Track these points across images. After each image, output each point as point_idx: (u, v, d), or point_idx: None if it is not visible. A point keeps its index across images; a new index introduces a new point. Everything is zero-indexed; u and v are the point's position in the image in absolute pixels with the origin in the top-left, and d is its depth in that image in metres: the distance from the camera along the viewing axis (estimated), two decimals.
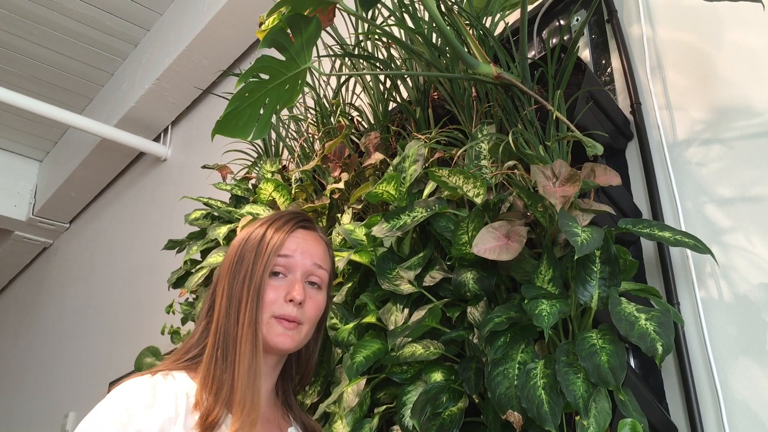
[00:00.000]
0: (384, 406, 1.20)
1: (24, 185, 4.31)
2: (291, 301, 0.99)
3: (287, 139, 1.90)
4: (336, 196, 1.57)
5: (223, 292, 0.99)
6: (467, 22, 1.28)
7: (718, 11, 1.27)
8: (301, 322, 1.00)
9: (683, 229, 1.17)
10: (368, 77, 1.61)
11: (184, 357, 0.98)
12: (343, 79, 1.74)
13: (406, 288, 1.21)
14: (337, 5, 1.16)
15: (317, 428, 1.10)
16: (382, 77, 1.59)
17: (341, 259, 1.31)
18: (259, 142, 1.95)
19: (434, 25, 1.31)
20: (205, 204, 1.83)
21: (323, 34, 1.31)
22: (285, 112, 1.96)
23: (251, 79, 1.09)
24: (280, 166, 1.80)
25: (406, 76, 1.51)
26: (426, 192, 1.28)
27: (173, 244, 1.88)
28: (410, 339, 1.17)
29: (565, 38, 1.45)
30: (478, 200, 1.14)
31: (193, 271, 1.71)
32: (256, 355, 0.95)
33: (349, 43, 1.69)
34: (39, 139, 4.18)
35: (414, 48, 1.35)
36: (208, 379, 0.92)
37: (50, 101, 3.33)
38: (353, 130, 1.64)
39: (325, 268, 1.06)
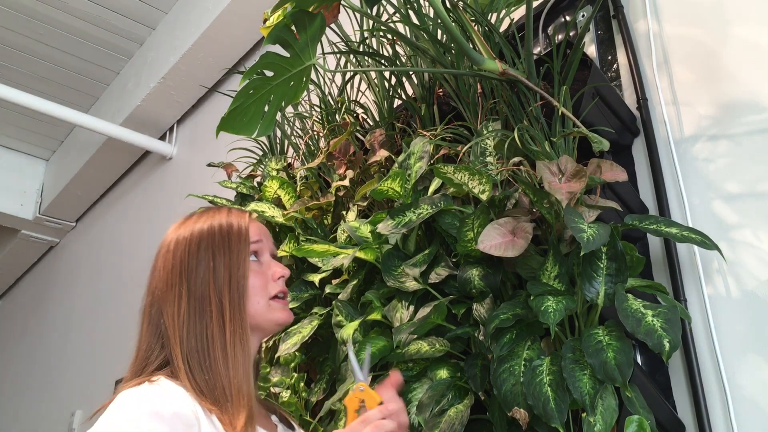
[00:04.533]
0: None
1: (30, 184, 4.32)
2: (281, 278, 1.00)
3: (292, 137, 1.90)
4: (341, 193, 1.57)
5: (182, 297, 0.93)
6: (472, 18, 1.28)
7: (724, 6, 1.26)
8: (287, 295, 1.03)
9: (690, 225, 1.17)
10: (373, 74, 1.61)
11: (144, 372, 0.91)
12: (348, 76, 1.74)
13: (412, 285, 1.21)
14: (342, 1, 1.16)
15: (282, 410, 1.09)
16: (387, 74, 1.58)
17: (347, 257, 1.31)
18: (264, 139, 1.94)
19: (439, 21, 1.30)
20: (211, 202, 1.83)
21: (328, 31, 1.31)
22: (290, 109, 1.96)
23: (255, 76, 1.09)
24: (285, 164, 1.80)
25: (411, 73, 1.51)
26: (431, 189, 1.28)
27: None
28: (416, 336, 1.17)
29: (571, 34, 1.44)
30: (484, 197, 1.13)
31: None
32: (246, 343, 0.93)
33: (353, 39, 1.69)
34: (45, 138, 4.19)
35: (419, 44, 1.34)
36: (197, 385, 0.88)
37: (56, 100, 3.33)
38: (358, 128, 1.64)
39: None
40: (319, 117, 1.76)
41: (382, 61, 1.54)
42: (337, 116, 1.70)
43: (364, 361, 0.97)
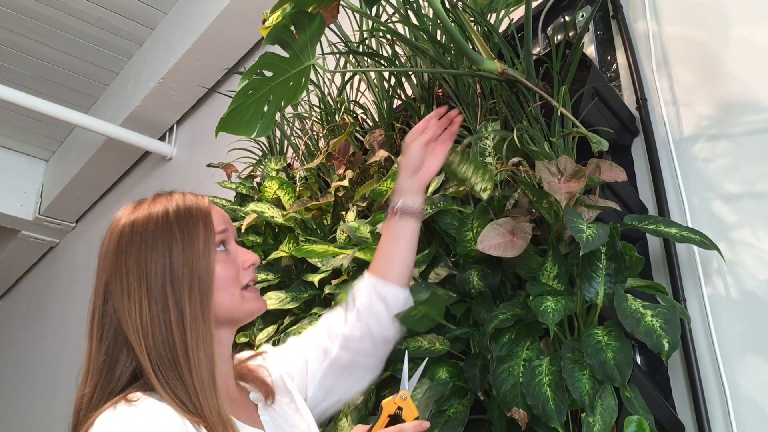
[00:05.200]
0: None
1: (30, 185, 4.31)
2: (251, 265, 0.96)
3: (292, 137, 1.90)
4: (340, 193, 1.57)
5: (142, 304, 0.85)
6: (471, 18, 1.28)
7: (724, 6, 1.26)
8: (255, 281, 0.99)
9: (690, 225, 1.17)
10: (372, 74, 1.61)
11: (114, 389, 0.84)
12: (347, 76, 1.74)
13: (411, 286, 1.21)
14: (341, 2, 1.16)
15: (253, 369, 1.03)
16: (386, 74, 1.58)
17: (346, 257, 1.30)
18: (263, 140, 1.95)
19: (438, 21, 1.30)
20: (210, 202, 1.83)
21: (327, 31, 1.31)
22: (289, 109, 1.96)
23: (255, 77, 1.09)
24: (285, 164, 1.80)
25: (410, 73, 1.51)
26: (430, 189, 1.28)
27: None
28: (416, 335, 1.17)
29: (570, 34, 1.44)
30: (484, 195, 1.13)
31: None
32: (209, 346, 0.86)
33: (353, 40, 1.69)
34: (45, 139, 4.18)
35: (418, 45, 1.34)
36: (176, 397, 0.82)
37: (56, 101, 3.32)
38: (358, 128, 1.64)
39: None
40: (319, 117, 1.76)
41: (382, 62, 1.54)
42: (336, 116, 1.70)
43: (415, 373, 0.96)
